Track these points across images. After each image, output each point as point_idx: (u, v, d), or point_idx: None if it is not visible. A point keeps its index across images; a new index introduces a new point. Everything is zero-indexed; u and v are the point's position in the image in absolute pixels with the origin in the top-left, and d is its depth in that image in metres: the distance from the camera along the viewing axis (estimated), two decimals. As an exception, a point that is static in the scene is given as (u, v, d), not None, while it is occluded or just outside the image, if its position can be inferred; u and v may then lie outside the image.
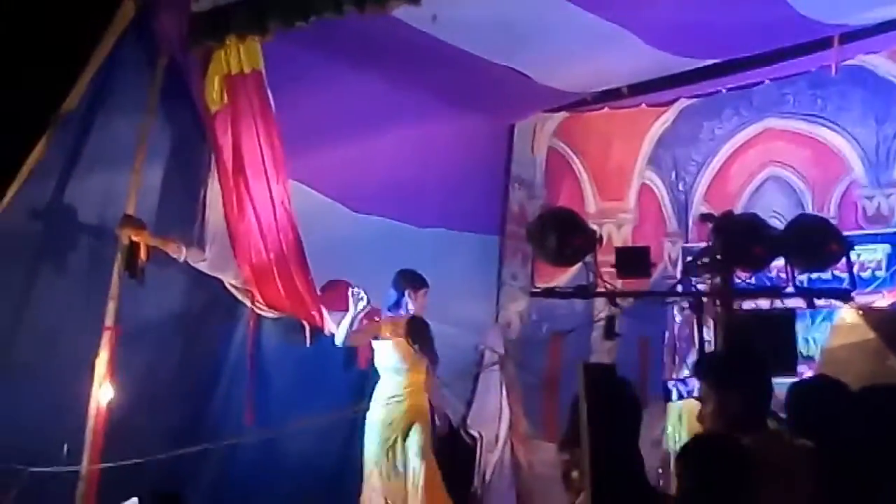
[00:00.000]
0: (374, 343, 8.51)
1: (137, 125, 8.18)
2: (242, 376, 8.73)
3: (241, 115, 8.38)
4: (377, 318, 8.55)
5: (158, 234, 8.12)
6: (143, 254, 7.97)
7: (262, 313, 8.72)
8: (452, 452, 9.27)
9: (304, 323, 8.71)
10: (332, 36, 7.99)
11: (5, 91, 8.28)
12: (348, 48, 8.35)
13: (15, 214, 7.90)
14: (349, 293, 8.32)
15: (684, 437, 8.35)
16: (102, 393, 7.69)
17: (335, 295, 8.75)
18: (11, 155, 8.01)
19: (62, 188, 8.07)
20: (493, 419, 9.42)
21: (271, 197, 8.38)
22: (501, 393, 9.51)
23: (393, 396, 8.37)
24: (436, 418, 8.48)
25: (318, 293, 8.63)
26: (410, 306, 8.46)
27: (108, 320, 7.80)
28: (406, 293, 8.47)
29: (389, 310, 8.53)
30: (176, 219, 8.43)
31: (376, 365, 8.51)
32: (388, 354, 8.42)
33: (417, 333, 8.38)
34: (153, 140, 8.26)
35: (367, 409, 8.50)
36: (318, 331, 8.70)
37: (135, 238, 7.96)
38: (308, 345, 8.76)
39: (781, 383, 5.60)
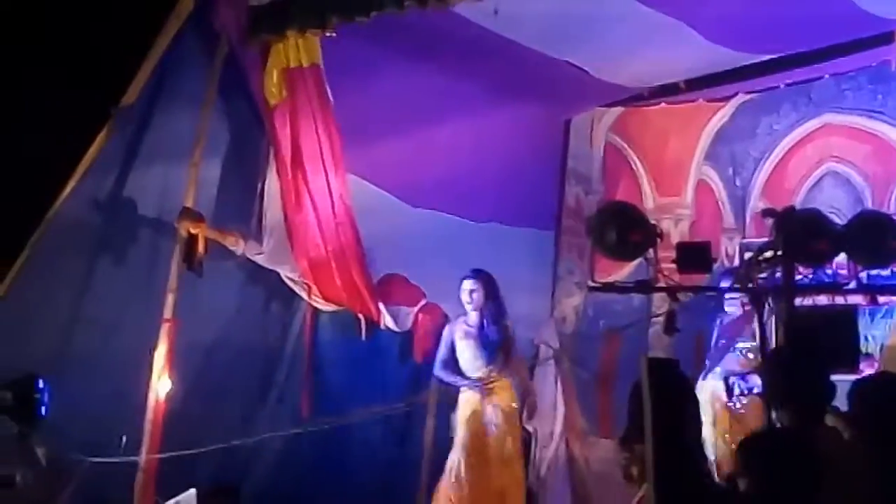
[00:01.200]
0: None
1: (196, 118, 8.20)
2: (299, 369, 8.77)
3: (300, 109, 8.40)
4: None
5: (217, 227, 8.15)
6: (201, 246, 7.99)
7: (319, 306, 8.74)
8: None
9: (360, 316, 8.72)
10: (390, 29, 7.99)
11: (66, 85, 8.37)
12: (406, 42, 8.35)
13: (75, 207, 7.96)
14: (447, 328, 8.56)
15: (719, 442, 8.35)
16: (161, 385, 7.72)
17: (392, 288, 8.77)
18: (72, 148, 8.08)
19: (122, 181, 8.12)
20: (549, 415, 9.39)
21: (329, 190, 8.40)
22: (557, 388, 9.48)
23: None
24: None
25: (375, 286, 8.64)
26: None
27: (167, 312, 7.83)
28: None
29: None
30: (234, 212, 8.46)
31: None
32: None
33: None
34: (212, 133, 8.28)
35: (422, 401, 8.52)
36: (373, 324, 8.72)
37: (193, 231, 7.98)
38: (364, 338, 8.77)
39: (842, 380, 5.55)
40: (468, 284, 8.61)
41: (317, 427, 8.52)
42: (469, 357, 8.63)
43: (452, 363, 8.70)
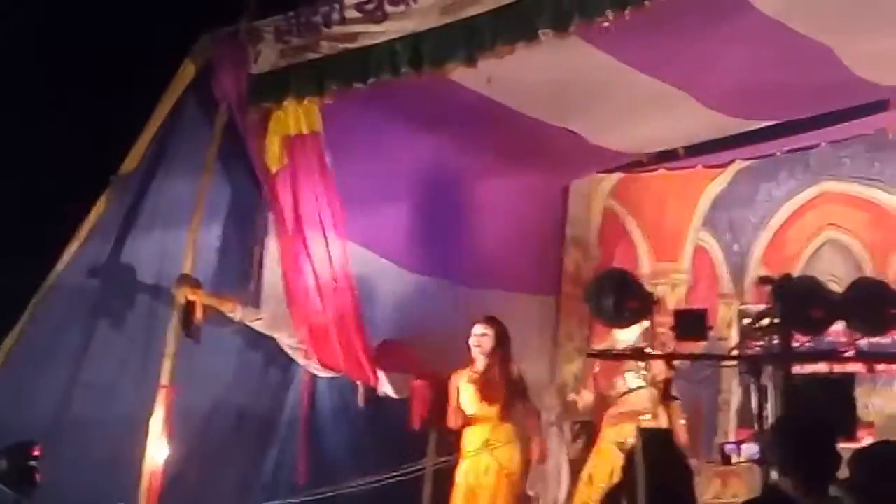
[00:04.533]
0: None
1: (196, 185, 8.27)
2: (296, 436, 8.74)
3: (301, 176, 8.45)
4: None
5: (215, 293, 8.17)
6: (199, 313, 8.02)
7: (317, 373, 8.73)
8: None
9: (359, 383, 8.70)
10: (388, 96, 8.05)
11: (67, 151, 8.42)
12: (404, 108, 8.41)
13: (74, 272, 8.03)
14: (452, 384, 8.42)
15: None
16: (158, 450, 7.71)
17: (390, 354, 8.75)
18: (72, 214, 8.12)
19: (120, 246, 8.19)
20: (553, 481, 9.30)
21: (329, 256, 8.41)
22: (561, 454, 9.40)
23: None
24: None
25: (374, 352, 8.62)
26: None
27: (164, 378, 7.84)
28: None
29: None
30: (232, 278, 8.50)
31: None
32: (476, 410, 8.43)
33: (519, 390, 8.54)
34: (211, 199, 8.36)
35: (420, 469, 8.44)
36: (371, 390, 8.69)
37: (191, 297, 8.03)
38: (361, 405, 8.74)
39: (841, 448, 5.52)
40: (480, 329, 8.52)
41: (313, 496, 8.46)
42: (473, 398, 8.48)
43: (460, 412, 8.59)
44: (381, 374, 8.61)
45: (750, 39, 7.66)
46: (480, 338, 8.49)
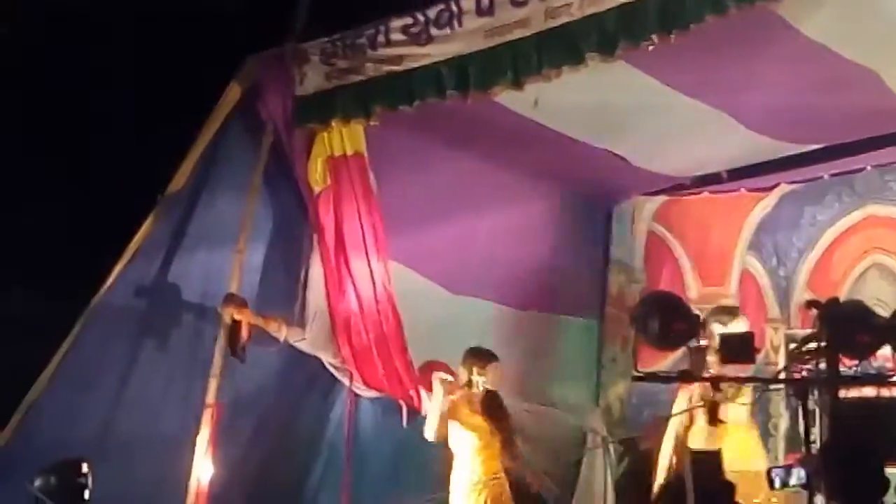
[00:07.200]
0: (451, 425, 8.23)
1: (242, 205, 8.31)
2: (339, 455, 8.74)
3: (344, 196, 8.50)
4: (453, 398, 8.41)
5: (260, 313, 8.20)
6: (244, 332, 8.05)
7: (360, 393, 8.74)
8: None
9: (402, 403, 8.71)
10: (433, 117, 8.08)
11: (115, 171, 8.50)
12: (449, 130, 8.44)
13: (120, 292, 8.07)
14: (435, 382, 8.17)
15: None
16: (202, 469, 7.73)
17: (432, 375, 8.74)
18: (119, 234, 8.18)
19: (167, 266, 8.23)
20: (599, 503, 9.28)
21: (372, 277, 8.46)
22: (606, 476, 9.37)
23: (476, 483, 8.23)
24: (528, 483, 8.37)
25: (416, 373, 8.63)
26: (483, 382, 8.25)
27: (210, 397, 7.88)
28: (474, 370, 8.26)
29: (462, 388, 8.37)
30: (277, 297, 8.52)
31: (452, 447, 8.21)
32: (464, 434, 8.26)
33: (493, 407, 8.23)
34: (256, 219, 8.40)
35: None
36: (415, 412, 8.69)
37: (237, 316, 8.06)
38: (405, 425, 8.74)
39: (888, 473, 5.49)
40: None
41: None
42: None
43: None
44: (423, 393, 8.63)
45: (794, 62, 7.66)
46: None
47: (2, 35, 8.70)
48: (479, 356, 8.27)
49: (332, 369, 8.68)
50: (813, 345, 6.55)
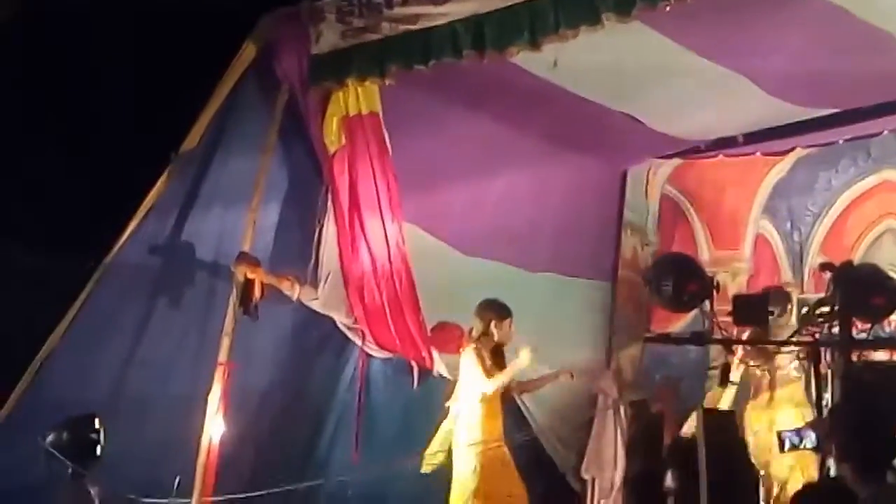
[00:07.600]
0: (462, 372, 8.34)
1: (256, 164, 8.30)
2: (351, 414, 8.77)
3: (359, 156, 8.47)
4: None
5: (273, 272, 8.20)
6: (257, 291, 8.06)
7: (372, 353, 8.76)
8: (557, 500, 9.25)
9: (413, 363, 8.72)
10: (448, 78, 8.05)
11: (129, 129, 8.49)
12: (465, 91, 8.41)
13: (134, 250, 8.09)
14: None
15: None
16: (214, 427, 7.76)
17: (445, 336, 8.75)
18: (133, 191, 8.19)
19: (180, 225, 8.24)
20: (609, 465, 9.29)
21: (386, 237, 8.45)
22: (617, 438, 9.38)
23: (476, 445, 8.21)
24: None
25: (429, 334, 8.64)
26: (496, 336, 8.33)
27: (222, 356, 7.89)
28: (492, 323, 8.33)
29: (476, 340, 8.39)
30: (290, 257, 8.53)
31: (460, 396, 8.29)
32: (474, 385, 8.26)
33: (501, 362, 8.28)
34: (270, 178, 8.38)
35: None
36: (426, 371, 8.72)
37: (250, 275, 8.06)
38: (416, 385, 8.76)
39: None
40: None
41: (367, 474, 8.49)
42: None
43: None
44: (436, 354, 8.65)
45: (811, 25, 7.63)
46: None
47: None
48: (500, 310, 8.35)
49: (344, 329, 8.70)
50: (826, 308, 6.56)
